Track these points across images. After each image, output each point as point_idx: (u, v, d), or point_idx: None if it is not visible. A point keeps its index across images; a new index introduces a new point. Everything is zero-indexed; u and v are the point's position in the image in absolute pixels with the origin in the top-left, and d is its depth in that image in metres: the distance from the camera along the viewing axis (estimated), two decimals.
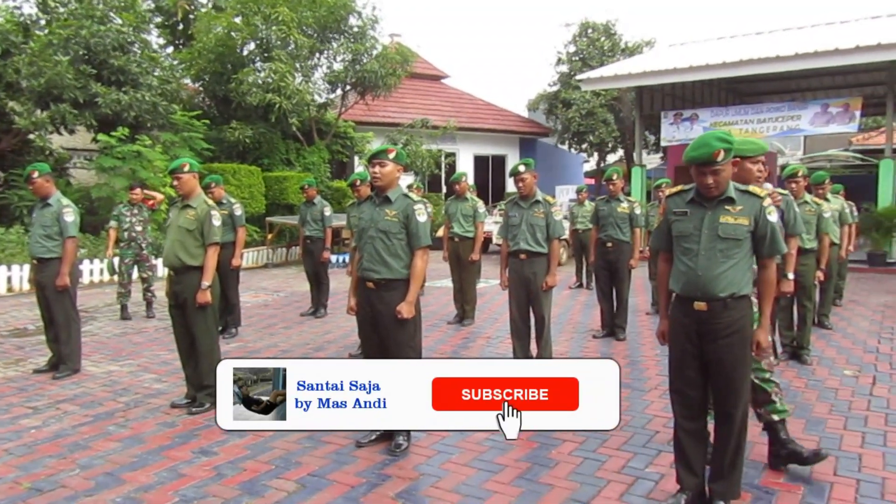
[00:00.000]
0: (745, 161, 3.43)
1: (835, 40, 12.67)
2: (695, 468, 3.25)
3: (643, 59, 16.68)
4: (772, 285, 3.17)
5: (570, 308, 8.88)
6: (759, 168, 3.52)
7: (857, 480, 3.57)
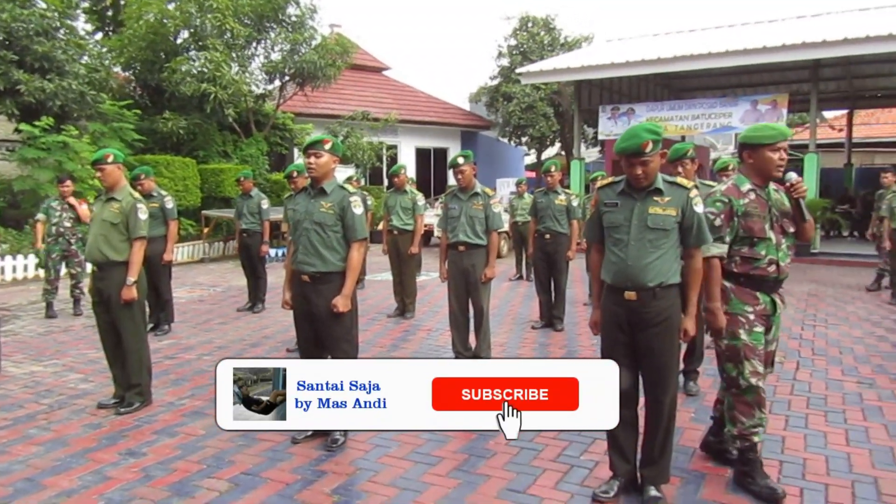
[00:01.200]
0: (763, 149, 3.25)
1: (763, 38, 13.11)
2: (627, 455, 3.32)
3: (581, 54, 16.91)
4: (698, 274, 3.25)
5: (510, 300, 8.95)
6: (781, 156, 3.23)
7: (780, 462, 3.71)
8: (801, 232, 3.35)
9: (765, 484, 3.30)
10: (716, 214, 3.28)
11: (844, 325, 7.28)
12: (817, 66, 13.32)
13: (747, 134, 3.33)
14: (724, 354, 3.36)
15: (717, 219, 3.29)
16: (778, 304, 3.35)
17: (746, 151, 3.31)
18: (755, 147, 3.26)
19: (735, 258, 3.31)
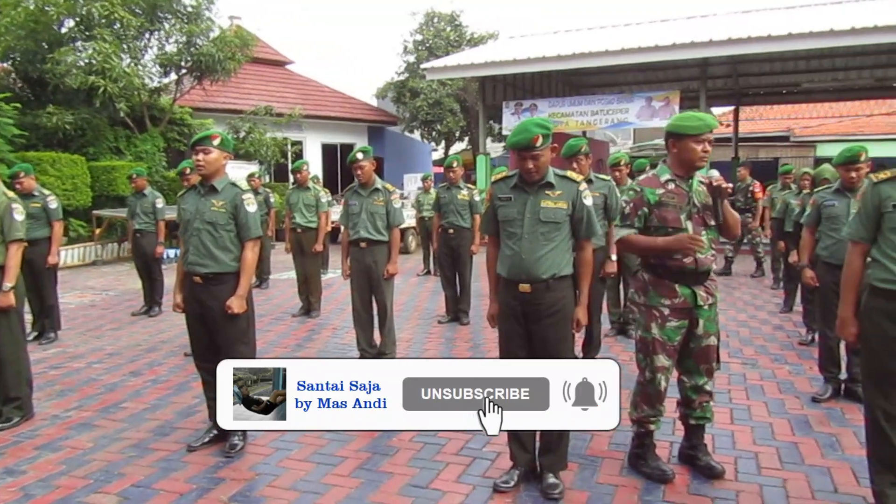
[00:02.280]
0: (688, 139, 3.18)
1: (655, 38, 13.68)
2: (526, 444, 3.38)
3: (486, 50, 17.12)
4: (589, 265, 3.35)
5: (416, 295, 8.96)
6: (705, 148, 3.17)
7: (670, 442, 3.85)
8: (723, 229, 3.29)
9: (656, 465, 3.44)
10: (626, 203, 3.30)
11: (732, 309, 7.70)
12: (706, 65, 14.03)
13: (674, 123, 3.26)
14: (637, 345, 3.41)
15: (627, 207, 3.29)
16: (701, 296, 3.27)
17: (671, 140, 3.25)
18: (680, 136, 3.20)
19: None
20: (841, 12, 13.54)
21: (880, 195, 2.84)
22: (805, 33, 11.83)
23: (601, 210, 5.11)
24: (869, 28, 11.34)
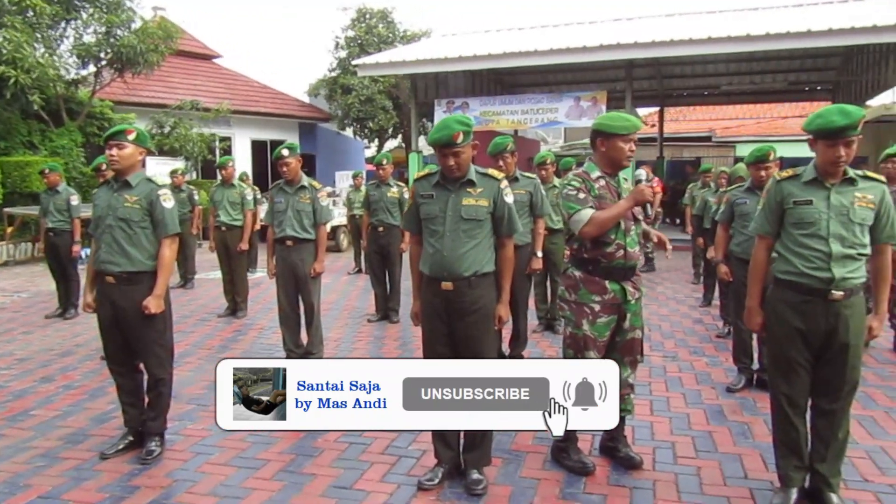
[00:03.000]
0: (617, 139, 3.24)
1: (583, 39, 13.95)
2: (450, 442, 3.39)
3: (418, 48, 17.09)
4: (510, 263, 3.38)
5: (347, 294, 8.88)
6: (631, 147, 3.25)
7: (591, 435, 3.94)
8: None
9: (578, 458, 3.50)
10: (576, 189, 3.25)
11: (654, 304, 7.94)
12: (631, 66, 14.38)
13: (602, 122, 3.29)
14: (566, 340, 3.40)
15: (579, 192, 3.24)
16: (630, 291, 3.34)
17: (600, 139, 3.27)
18: (609, 136, 3.23)
19: (586, 243, 3.30)
20: (758, 18, 14.11)
21: (782, 192, 2.98)
22: (724, 37, 12.28)
23: (527, 207, 5.17)
24: (782, 34, 11.87)
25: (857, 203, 2.86)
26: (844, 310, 2.87)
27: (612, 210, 3.23)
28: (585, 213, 3.20)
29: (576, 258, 3.38)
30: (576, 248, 3.38)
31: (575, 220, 3.22)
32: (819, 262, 2.86)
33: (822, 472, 3.02)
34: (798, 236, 2.92)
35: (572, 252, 3.42)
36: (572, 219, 3.23)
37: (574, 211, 3.22)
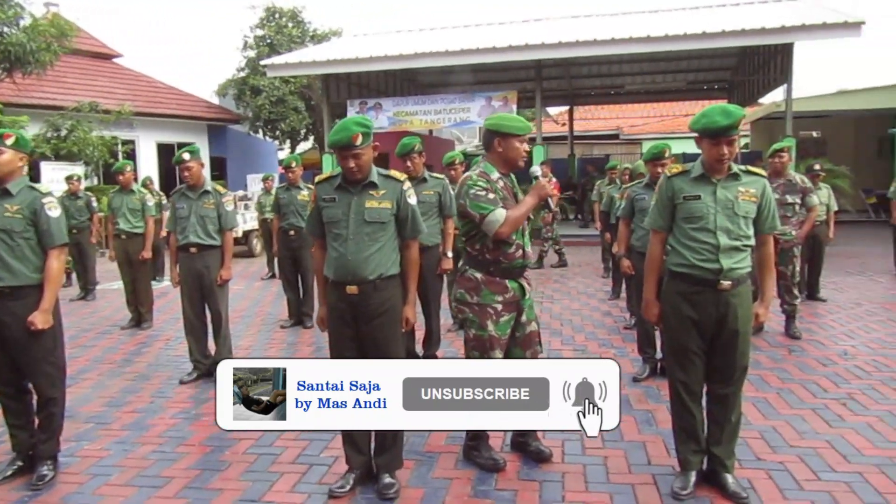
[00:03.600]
0: (513, 139, 3.27)
1: (493, 39, 14.14)
2: (361, 447, 3.35)
3: (329, 48, 16.87)
4: (415, 265, 3.38)
5: (259, 300, 8.67)
6: (526, 147, 3.31)
7: (503, 432, 4.00)
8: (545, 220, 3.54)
9: (489, 455, 3.54)
10: (485, 189, 3.22)
11: (566, 299, 8.13)
12: (540, 66, 14.68)
13: (499, 122, 3.30)
14: (470, 342, 3.39)
15: (488, 193, 3.22)
16: (526, 287, 3.42)
17: (497, 139, 3.28)
18: (506, 136, 3.26)
19: (488, 244, 3.30)
20: (658, 20, 14.69)
21: (673, 188, 3.10)
22: (626, 38, 12.72)
23: (436, 208, 5.19)
24: (679, 35, 12.39)
25: (741, 197, 3.01)
26: (733, 298, 3.02)
27: (521, 208, 3.27)
28: (500, 212, 3.20)
29: (476, 259, 3.36)
30: (478, 249, 3.35)
31: (490, 220, 3.19)
32: (708, 254, 2.99)
33: (718, 455, 3.17)
34: (688, 230, 3.05)
35: (472, 253, 3.38)
36: (486, 219, 3.19)
37: (487, 211, 3.20)
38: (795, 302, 6.02)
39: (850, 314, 6.92)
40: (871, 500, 3.07)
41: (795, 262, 6.04)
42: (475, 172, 3.33)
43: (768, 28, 11.91)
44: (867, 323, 6.50)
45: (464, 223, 3.38)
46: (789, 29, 11.82)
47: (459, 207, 3.33)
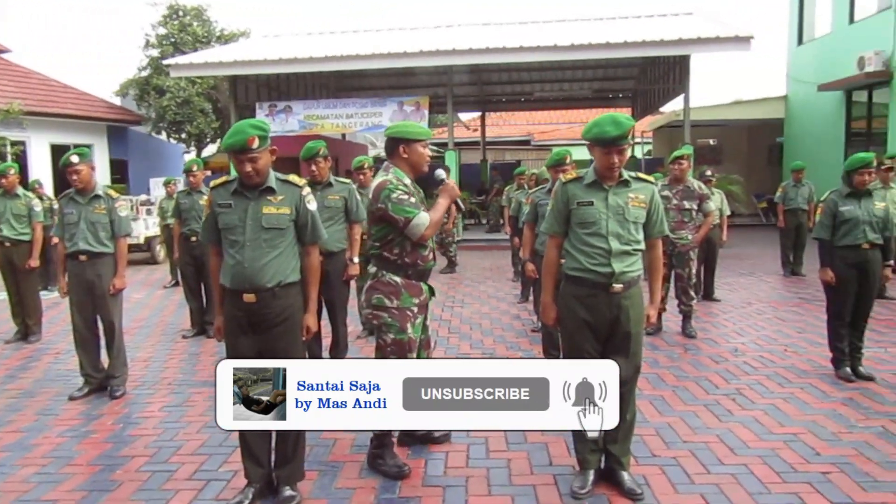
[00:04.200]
0: (417, 144, 3.34)
1: (405, 44, 14.14)
2: (260, 460, 3.26)
3: (236, 48, 16.42)
4: (316, 271, 3.33)
5: (161, 309, 8.31)
6: (428, 152, 3.38)
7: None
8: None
9: (394, 463, 3.51)
10: (406, 194, 3.24)
11: (476, 303, 8.21)
12: (451, 72, 14.81)
13: (402, 130, 3.37)
14: (388, 347, 3.36)
15: (410, 197, 3.25)
16: (434, 289, 3.53)
17: (402, 146, 3.33)
18: (411, 142, 3.32)
19: (406, 247, 3.32)
20: (566, 29, 15.10)
21: (567, 194, 3.18)
22: (534, 47, 13.01)
23: (342, 213, 5.13)
24: (585, 45, 12.79)
25: (630, 203, 3.12)
26: (624, 301, 3.12)
27: (438, 210, 3.34)
28: (424, 216, 3.24)
29: (395, 264, 3.35)
30: (396, 254, 3.34)
31: (415, 224, 3.21)
32: (600, 258, 3.09)
33: (614, 453, 3.26)
34: (582, 235, 3.14)
35: (390, 258, 3.35)
36: (412, 223, 3.21)
37: (412, 215, 3.22)
38: (691, 303, 6.30)
39: (741, 313, 7.31)
40: (754, 489, 3.24)
41: (692, 265, 6.32)
42: (392, 177, 3.31)
43: (667, 40, 12.47)
44: (756, 321, 6.89)
45: (379, 228, 3.34)
46: (686, 41, 12.41)
47: (377, 212, 3.29)
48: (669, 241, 6.14)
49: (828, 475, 3.36)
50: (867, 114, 14.54)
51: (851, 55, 13.55)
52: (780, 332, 6.42)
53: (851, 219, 4.78)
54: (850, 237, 4.80)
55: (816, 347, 5.65)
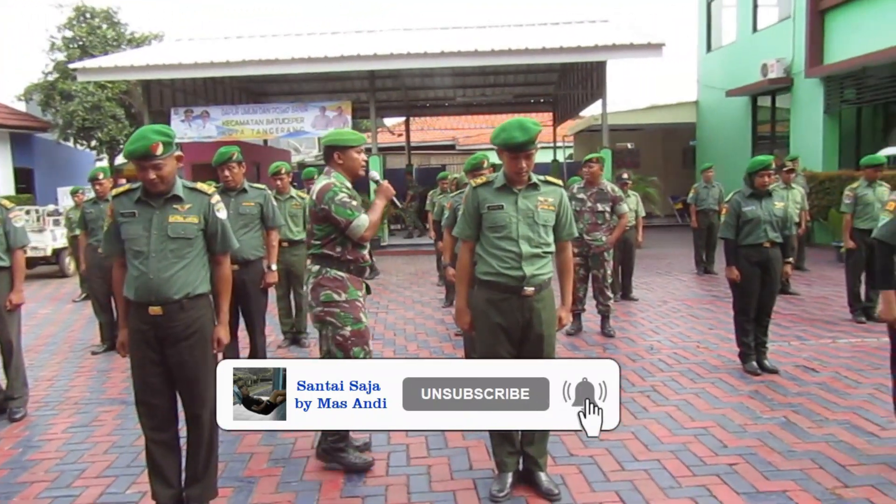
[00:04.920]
0: (351, 150, 3.50)
1: (326, 48, 13.98)
2: (170, 480, 3.12)
3: (148, 52, 15.84)
4: (227, 281, 3.21)
5: (70, 324, 7.90)
6: (364, 157, 3.56)
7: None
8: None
9: (357, 456, 3.60)
10: (349, 196, 3.41)
11: (401, 308, 8.18)
12: (374, 77, 14.74)
13: (335, 138, 3.54)
14: (350, 340, 3.45)
15: (352, 199, 3.42)
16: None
17: (337, 153, 3.50)
18: (345, 148, 3.49)
19: (349, 245, 3.47)
20: (487, 35, 15.28)
21: (478, 198, 3.20)
22: (455, 52, 13.09)
23: (257, 219, 5.00)
24: (504, 50, 12.97)
25: (540, 206, 3.16)
26: (537, 304, 3.16)
27: (376, 211, 3.54)
28: (364, 218, 3.43)
29: (338, 261, 3.49)
30: (339, 252, 3.48)
31: (356, 225, 3.39)
32: (512, 261, 3.11)
33: (532, 454, 3.29)
34: (493, 238, 3.15)
35: (333, 255, 3.47)
36: (353, 224, 3.39)
37: (354, 217, 3.38)
38: (608, 302, 6.46)
39: (657, 311, 7.55)
40: (666, 484, 3.33)
41: (607, 266, 6.48)
42: (334, 181, 3.46)
43: (583, 46, 12.78)
44: (671, 319, 7.12)
45: (321, 227, 3.47)
46: (601, 48, 12.74)
47: (321, 212, 3.42)
48: (584, 243, 6.28)
49: (734, 466, 3.49)
50: (771, 118, 15.34)
51: (756, 62, 14.27)
52: (693, 328, 6.66)
53: (753, 218, 5.01)
54: (753, 236, 5.02)
55: (726, 343, 5.88)
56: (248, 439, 4.09)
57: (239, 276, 4.82)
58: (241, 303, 4.93)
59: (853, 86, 12.40)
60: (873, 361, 5.21)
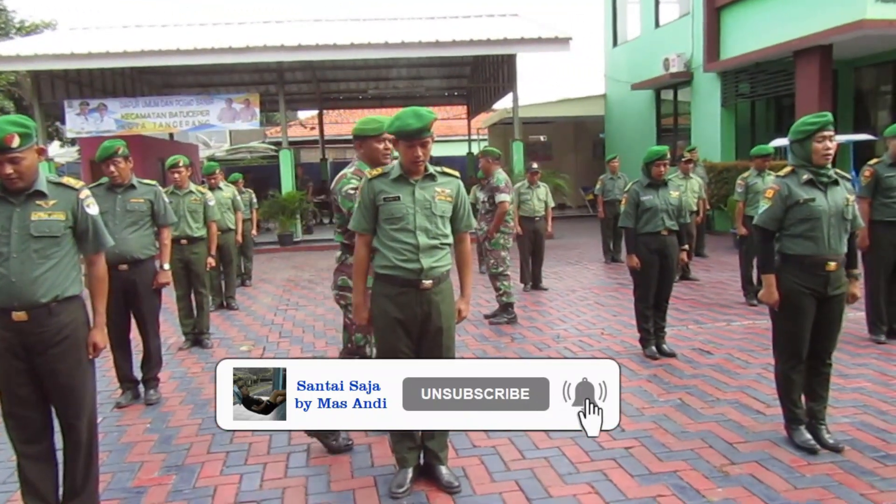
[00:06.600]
0: (371, 140, 3.42)
1: (231, 40, 13.54)
2: (45, 495, 2.92)
3: (38, 41, 14.91)
4: (102, 281, 3.02)
5: None
6: (386, 146, 3.42)
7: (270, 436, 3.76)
8: None
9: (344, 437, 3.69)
10: (355, 189, 3.36)
11: (312, 305, 8.01)
12: (282, 69, 14.38)
13: (356, 128, 3.52)
14: (354, 325, 3.47)
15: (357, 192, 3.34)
16: None
17: (357, 143, 3.50)
18: (364, 139, 3.45)
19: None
20: (398, 28, 15.16)
21: (374, 189, 3.12)
22: (364, 44, 12.94)
23: (147, 217, 4.74)
24: (415, 43, 12.91)
25: (437, 197, 3.12)
26: (435, 297, 3.12)
27: None
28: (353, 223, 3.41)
29: (348, 248, 3.50)
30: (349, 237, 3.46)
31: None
32: (409, 254, 3.05)
33: (432, 448, 3.26)
34: (390, 231, 3.09)
35: (349, 244, 3.44)
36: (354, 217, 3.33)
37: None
38: (498, 293, 6.59)
39: (565, 300, 7.69)
40: (564, 471, 3.36)
41: (492, 256, 6.61)
42: (350, 170, 3.53)
43: (493, 40, 12.89)
44: (578, 307, 7.27)
45: (339, 216, 3.54)
46: (511, 41, 12.90)
47: (334, 202, 3.59)
48: None
49: (630, 449, 3.57)
50: (674, 111, 15.93)
51: (658, 57, 14.77)
52: (598, 316, 6.81)
53: (651, 207, 5.15)
54: (651, 225, 5.16)
55: (629, 329, 6.03)
56: (138, 447, 3.89)
57: (129, 276, 4.58)
58: (132, 305, 4.68)
59: (747, 80, 13.02)
60: (762, 342, 5.46)
